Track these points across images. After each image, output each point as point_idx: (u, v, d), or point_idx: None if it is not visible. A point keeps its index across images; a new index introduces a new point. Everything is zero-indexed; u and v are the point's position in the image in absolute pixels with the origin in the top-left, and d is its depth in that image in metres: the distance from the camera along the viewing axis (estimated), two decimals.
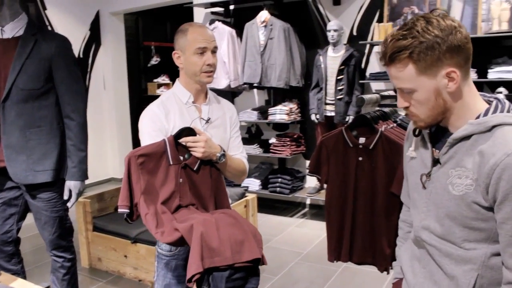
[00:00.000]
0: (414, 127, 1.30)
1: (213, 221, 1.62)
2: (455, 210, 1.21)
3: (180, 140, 1.76)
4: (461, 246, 1.23)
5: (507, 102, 1.19)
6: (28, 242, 4.38)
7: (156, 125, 1.81)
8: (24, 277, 2.61)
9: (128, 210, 1.67)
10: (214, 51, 1.86)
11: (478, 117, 1.19)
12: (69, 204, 2.46)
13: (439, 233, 1.27)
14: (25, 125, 2.33)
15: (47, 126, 2.38)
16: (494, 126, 1.14)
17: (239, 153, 2.06)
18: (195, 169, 1.78)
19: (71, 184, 2.41)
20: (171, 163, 1.73)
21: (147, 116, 1.85)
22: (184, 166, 1.76)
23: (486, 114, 1.18)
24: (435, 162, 1.28)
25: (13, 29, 2.33)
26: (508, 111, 1.17)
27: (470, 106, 1.21)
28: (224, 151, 1.84)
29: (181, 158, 1.76)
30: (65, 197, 2.43)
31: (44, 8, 5.94)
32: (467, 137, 1.19)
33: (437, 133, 1.31)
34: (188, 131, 1.77)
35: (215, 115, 1.95)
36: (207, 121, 1.91)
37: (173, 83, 1.95)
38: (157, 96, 8.16)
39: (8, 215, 2.47)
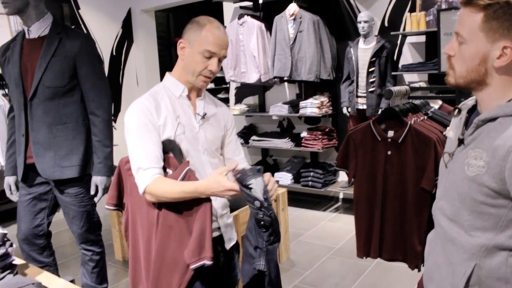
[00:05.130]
0: (445, 81, 1.26)
1: None
2: (465, 191, 1.18)
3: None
4: (467, 231, 1.19)
5: None
6: (66, 235, 4.50)
7: (147, 117, 1.63)
8: (56, 269, 2.68)
9: None
10: (220, 59, 1.69)
11: (509, 102, 1.15)
12: (96, 199, 2.50)
13: (448, 214, 1.25)
14: (52, 122, 2.38)
15: (73, 123, 2.42)
16: None
17: (241, 157, 1.92)
18: None
19: (97, 180, 2.45)
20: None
21: (135, 109, 1.66)
22: None
23: None
24: (460, 142, 1.25)
25: (39, 29, 2.38)
26: None
27: (506, 90, 1.16)
28: None
29: None
30: (92, 192, 2.48)
31: (78, 8, 6.06)
32: (492, 119, 1.15)
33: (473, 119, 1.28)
34: None
35: (210, 112, 1.80)
36: (203, 116, 1.75)
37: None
38: None
39: (39, 210, 2.54)
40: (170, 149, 1.67)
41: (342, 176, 5.26)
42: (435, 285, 1.32)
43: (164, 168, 1.65)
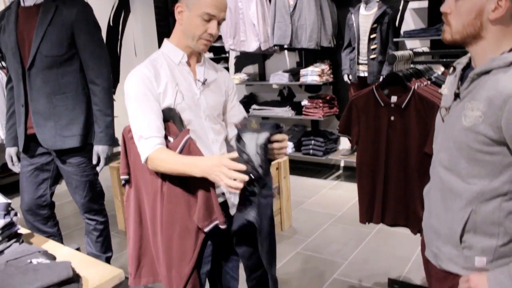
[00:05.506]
0: (441, 37, 1.32)
1: None
2: (463, 140, 1.23)
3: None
4: (464, 179, 1.25)
5: None
6: (69, 206, 4.52)
7: (147, 86, 1.61)
8: (61, 239, 2.70)
9: None
10: (220, 22, 1.65)
11: (502, 54, 1.19)
12: (98, 169, 2.50)
13: (446, 164, 1.30)
14: (51, 91, 2.36)
15: (72, 92, 2.39)
16: None
17: None
18: None
19: (99, 149, 2.44)
20: None
21: (134, 77, 1.63)
22: None
23: (510, 51, 1.18)
24: (456, 96, 1.30)
25: None
26: None
27: (499, 43, 1.20)
28: None
29: None
30: (94, 161, 2.48)
31: None
32: (486, 72, 1.20)
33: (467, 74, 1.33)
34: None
35: (211, 77, 1.77)
36: (203, 82, 1.73)
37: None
38: None
39: (41, 180, 2.54)
40: (170, 117, 1.65)
41: (343, 144, 5.26)
42: (434, 232, 1.39)
43: (165, 136, 1.65)
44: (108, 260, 2.76)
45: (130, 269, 1.81)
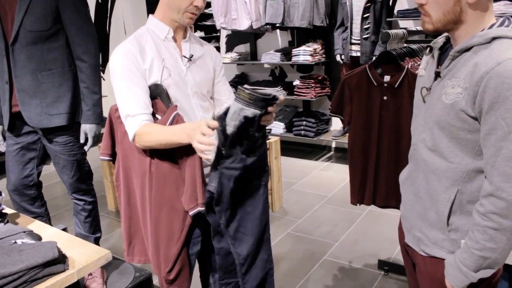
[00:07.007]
0: (422, 28, 1.31)
1: None
2: (444, 119, 1.23)
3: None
4: (448, 158, 1.25)
5: None
6: (59, 186, 4.48)
7: (132, 62, 1.58)
8: (49, 219, 2.67)
9: None
10: None
11: (481, 32, 1.19)
12: (86, 148, 2.45)
13: (429, 144, 1.30)
14: (36, 68, 2.29)
15: (58, 69, 2.33)
16: (494, 38, 1.15)
17: (230, 97, 1.86)
18: None
19: (86, 128, 2.39)
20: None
21: (118, 53, 1.60)
22: None
23: (490, 28, 1.18)
24: (436, 76, 1.29)
25: None
26: None
27: (479, 23, 1.20)
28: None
29: None
30: (82, 140, 2.43)
31: None
32: (467, 49, 1.20)
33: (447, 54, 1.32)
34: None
35: (197, 54, 1.73)
36: (190, 59, 1.69)
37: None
38: None
39: (28, 160, 2.48)
40: (157, 94, 1.62)
41: (335, 125, 5.24)
42: (418, 217, 1.38)
43: (153, 114, 1.61)
44: (97, 241, 2.73)
45: (124, 246, 1.80)
